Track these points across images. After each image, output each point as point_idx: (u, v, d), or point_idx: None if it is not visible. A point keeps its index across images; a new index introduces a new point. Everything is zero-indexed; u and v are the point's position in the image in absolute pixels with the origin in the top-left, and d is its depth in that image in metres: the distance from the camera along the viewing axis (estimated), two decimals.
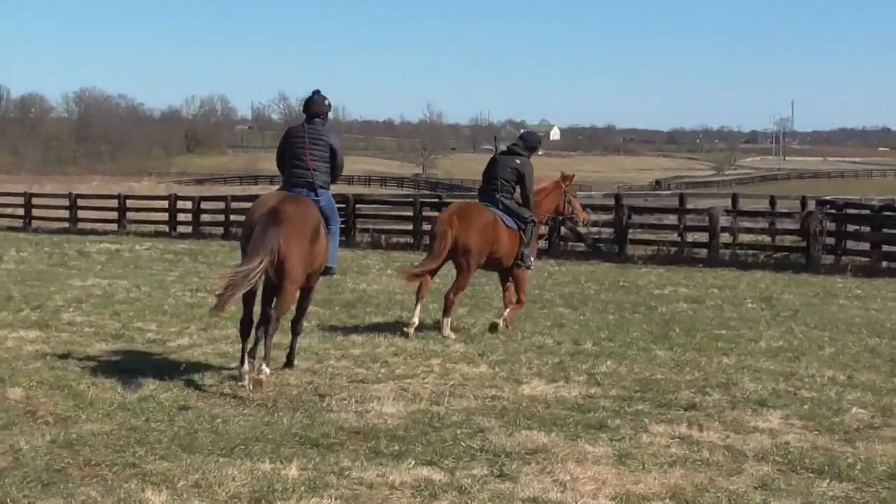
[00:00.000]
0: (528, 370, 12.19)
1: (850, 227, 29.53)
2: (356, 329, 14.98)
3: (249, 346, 11.55)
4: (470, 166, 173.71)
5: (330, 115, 12.47)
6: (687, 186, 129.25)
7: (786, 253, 28.64)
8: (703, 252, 28.99)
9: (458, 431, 9.31)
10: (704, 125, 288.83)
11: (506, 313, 15.32)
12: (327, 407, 10.22)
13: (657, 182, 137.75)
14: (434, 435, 9.22)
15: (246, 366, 11.43)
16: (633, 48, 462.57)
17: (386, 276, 23.27)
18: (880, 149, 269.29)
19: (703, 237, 29.80)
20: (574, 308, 17.47)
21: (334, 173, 12.26)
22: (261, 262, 10.87)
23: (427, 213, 33.98)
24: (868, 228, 29.09)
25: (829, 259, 27.72)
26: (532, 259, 15.57)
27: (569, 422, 9.68)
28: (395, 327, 15.08)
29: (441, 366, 12.39)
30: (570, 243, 30.68)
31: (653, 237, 31.37)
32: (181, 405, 10.14)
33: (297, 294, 11.78)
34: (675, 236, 30.43)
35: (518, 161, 15.55)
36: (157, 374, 11.47)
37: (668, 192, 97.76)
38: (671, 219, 32.26)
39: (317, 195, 11.93)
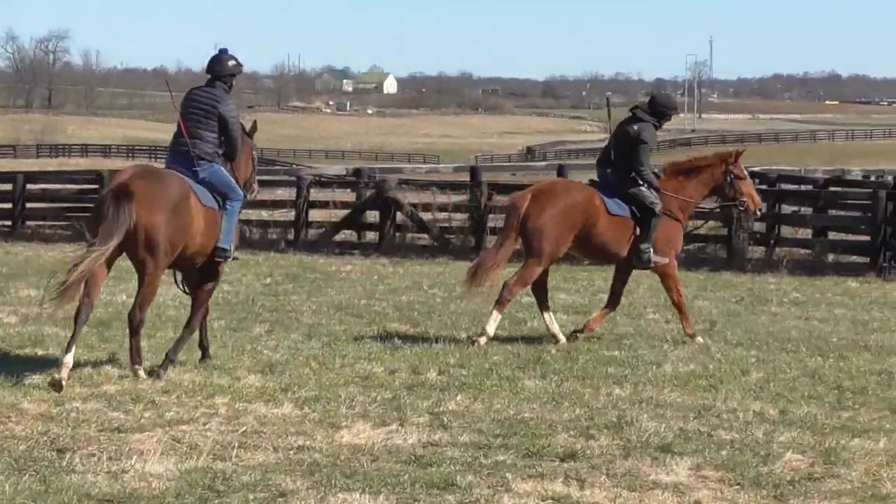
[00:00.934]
0: (348, 410, 12.21)
1: (787, 209, 30.19)
2: (112, 358, 14.83)
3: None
4: (274, 130, 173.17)
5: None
6: (569, 155, 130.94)
7: (701, 244, 29.08)
8: None
9: (251, 496, 9.28)
10: (594, 73, 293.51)
11: (591, 319, 16.99)
12: (68, 466, 10.06)
13: (529, 150, 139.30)
14: (217, 502, 9.17)
15: (68, 357, 12.93)
16: None
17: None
18: (827, 102, 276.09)
19: None
20: (414, 324, 17.54)
21: (230, 145, 14.34)
22: (110, 244, 12.95)
23: None
24: (810, 210, 29.74)
25: (757, 251, 28.38)
26: (652, 254, 16.46)
27: (403, 480, 9.70)
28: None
29: (229, 406, 12.35)
30: (408, 234, 30.76)
31: None
32: None
33: (158, 283, 13.97)
34: None
35: (636, 127, 16.45)
36: None
37: (544, 163, 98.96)
38: None
39: (195, 166, 13.95)
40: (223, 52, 14.53)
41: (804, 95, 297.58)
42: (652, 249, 16.47)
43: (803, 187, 33.00)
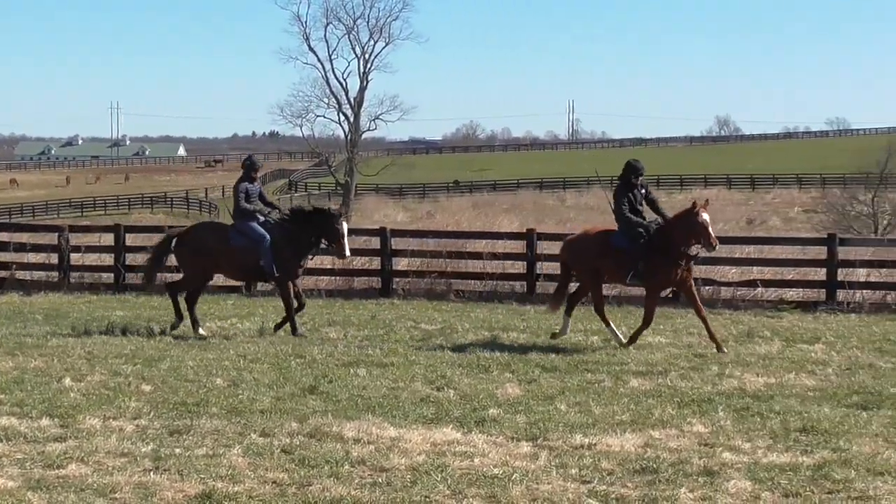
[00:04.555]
0: None
1: None
2: None
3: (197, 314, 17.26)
4: None
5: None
6: None
7: None
8: None
9: None
10: None
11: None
12: None
13: None
14: None
15: (202, 330, 16.91)
16: None
17: None
18: None
19: None
20: None
21: (239, 210, 17.21)
22: (156, 249, 17.70)
23: None
24: None
25: None
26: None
27: None
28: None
29: None
30: None
31: None
32: None
33: (192, 281, 17.35)
34: None
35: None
36: None
37: None
38: None
39: (235, 226, 17.20)
40: (249, 157, 18.05)
41: None
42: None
43: None
